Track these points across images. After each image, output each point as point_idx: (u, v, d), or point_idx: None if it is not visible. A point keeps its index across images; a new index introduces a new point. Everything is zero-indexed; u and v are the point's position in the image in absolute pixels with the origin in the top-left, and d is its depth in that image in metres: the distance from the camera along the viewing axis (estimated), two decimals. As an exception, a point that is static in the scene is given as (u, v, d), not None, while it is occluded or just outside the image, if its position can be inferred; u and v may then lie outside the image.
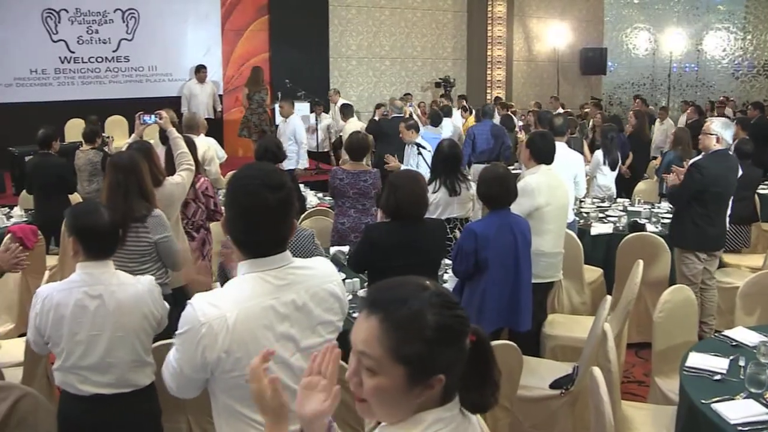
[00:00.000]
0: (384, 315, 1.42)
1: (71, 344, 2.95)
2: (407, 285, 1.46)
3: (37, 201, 7.21)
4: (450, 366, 1.43)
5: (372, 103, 14.99)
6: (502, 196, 4.22)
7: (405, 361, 1.40)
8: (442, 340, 1.41)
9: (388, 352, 1.40)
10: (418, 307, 1.41)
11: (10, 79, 12.36)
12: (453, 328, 1.42)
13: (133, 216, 3.96)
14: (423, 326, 1.39)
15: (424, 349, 1.39)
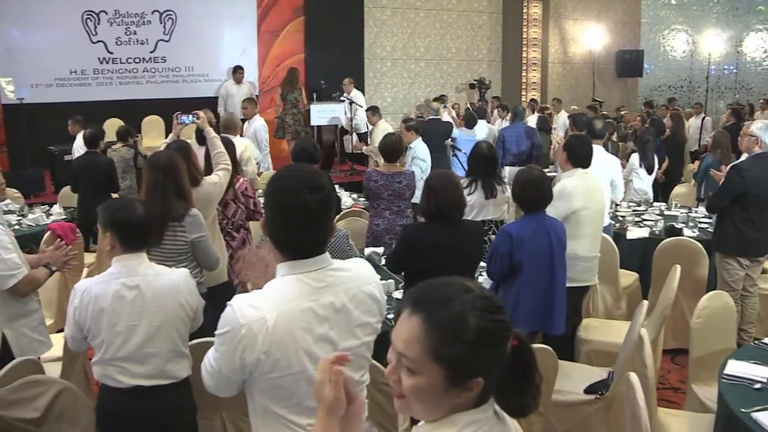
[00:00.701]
0: (426, 315, 1.42)
1: (111, 335, 3.01)
2: (451, 286, 1.46)
3: (82, 199, 7.34)
4: (489, 369, 1.43)
5: (407, 104, 15.03)
6: (537, 198, 4.21)
7: (444, 363, 1.40)
8: (482, 343, 1.40)
9: (428, 353, 1.41)
10: (460, 309, 1.41)
11: (50, 79, 12.59)
12: (494, 332, 1.42)
13: (170, 215, 4.01)
14: (464, 328, 1.39)
15: (464, 352, 1.39)
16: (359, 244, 5.38)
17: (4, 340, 3.56)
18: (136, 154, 8.08)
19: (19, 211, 7.54)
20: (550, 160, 10.16)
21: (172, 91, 13.05)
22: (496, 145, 9.14)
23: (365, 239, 5.79)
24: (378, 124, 10.24)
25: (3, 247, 3.43)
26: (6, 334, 3.56)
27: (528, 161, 8.76)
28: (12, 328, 3.58)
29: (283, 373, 1.99)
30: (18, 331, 3.60)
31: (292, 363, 1.98)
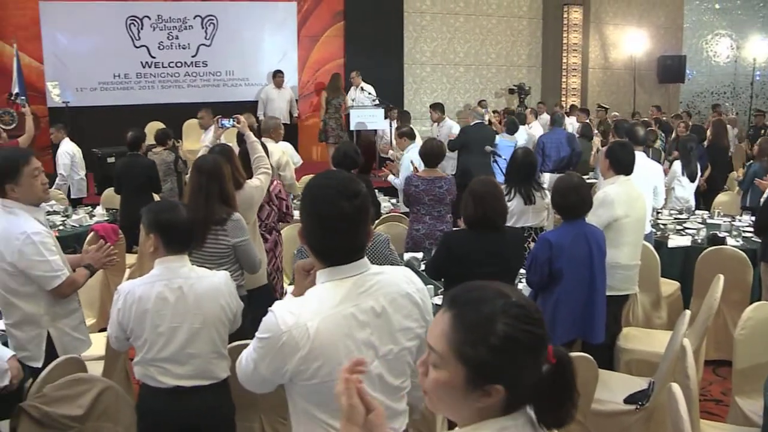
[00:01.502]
0: (456, 313, 1.44)
1: (153, 336, 3.06)
2: (487, 290, 1.47)
3: (124, 200, 7.46)
4: (512, 379, 1.42)
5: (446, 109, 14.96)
6: (576, 205, 4.19)
7: (465, 362, 1.42)
8: (507, 350, 1.40)
9: (452, 349, 1.43)
10: (489, 312, 1.41)
11: (95, 83, 12.84)
12: (521, 341, 1.41)
13: (213, 219, 4.06)
14: (490, 332, 1.40)
15: (486, 355, 1.40)
16: (399, 249, 5.40)
17: (48, 338, 3.63)
18: (177, 158, 8.19)
19: (63, 212, 7.68)
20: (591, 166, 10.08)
21: (213, 95, 13.19)
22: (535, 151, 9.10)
23: (405, 244, 5.80)
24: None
25: (47, 249, 3.50)
26: (50, 333, 3.63)
27: (567, 168, 8.70)
28: (56, 327, 3.65)
29: (324, 379, 2.00)
30: (61, 330, 3.67)
31: (334, 369, 1.98)
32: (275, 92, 12.79)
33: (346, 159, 5.53)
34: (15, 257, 3.44)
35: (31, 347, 3.59)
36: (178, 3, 13.35)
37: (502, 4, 16.30)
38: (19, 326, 3.60)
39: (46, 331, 3.61)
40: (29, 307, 3.56)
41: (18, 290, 3.53)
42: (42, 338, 3.61)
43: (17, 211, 3.50)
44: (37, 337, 3.60)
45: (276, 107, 12.35)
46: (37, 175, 3.55)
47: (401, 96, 14.58)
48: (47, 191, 3.69)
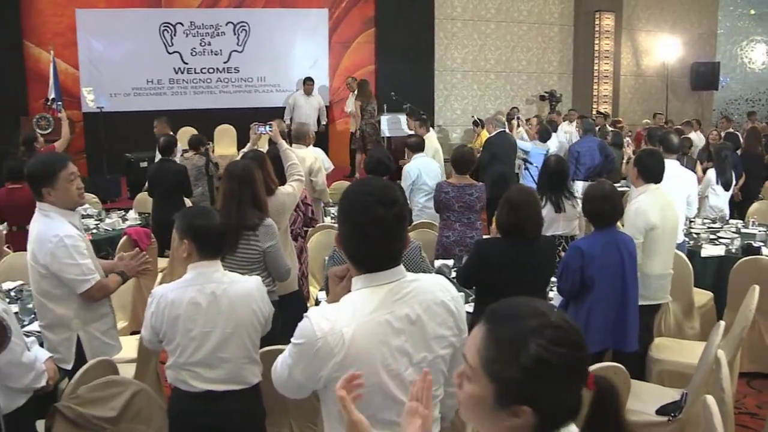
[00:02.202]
0: (491, 328, 1.43)
1: (185, 340, 3.08)
2: (525, 307, 1.45)
3: (156, 205, 7.54)
4: (542, 402, 1.39)
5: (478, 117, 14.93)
6: (607, 213, 4.17)
7: (494, 379, 1.40)
8: (537, 372, 1.37)
9: (483, 365, 1.42)
10: (522, 331, 1.39)
11: (128, 88, 13.03)
12: (553, 364, 1.37)
13: (245, 224, 4.09)
14: (521, 352, 1.38)
15: (515, 374, 1.38)
16: (429, 256, 5.39)
17: (78, 341, 3.68)
18: (208, 162, 8.26)
19: (96, 215, 7.79)
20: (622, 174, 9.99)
21: (245, 100, 13.32)
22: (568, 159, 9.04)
23: (435, 251, 5.79)
24: (427, 136, 9.91)
25: (79, 252, 3.55)
26: (80, 336, 3.68)
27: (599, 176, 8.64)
28: (85, 330, 3.69)
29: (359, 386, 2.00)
30: (91, 334, 3.72)
31: (369, 375, 1.97)
32: (303, 99, 12.84)
33: (379, 166, 5.55)
34: (48, 259, 3.49)
35: (62, 349, 3.65)
36: (211, 10, 13.51)
37: (534, 10, 16.26)
38: (51, 328, 3.66)
39: (76, 334, 3.66)
40: (60, 309, 3.61)
41: (50, 292, 3.59)
42: (72, 341, 3.66)
43: (52, 214, 3.56)
44: (67, 340, 3.66)
45: (303, 114, 12.38)
46: (73, 179, 3.62)
47: (432, 103, 14.58)
48: (83, 195, 3.74)
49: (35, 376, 3.14)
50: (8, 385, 3.07)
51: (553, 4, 16.44)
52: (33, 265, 3.57)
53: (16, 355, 3.04)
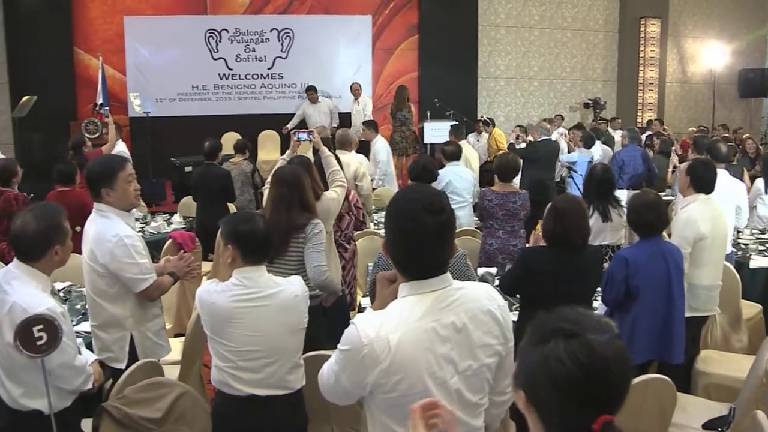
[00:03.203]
0: (528, 337, 1.47)
1: (229, 344, 3.10)
2: (556, 320, 1.47)
3: (200, 209, 7.63)
4: (548, 416, 1.45)
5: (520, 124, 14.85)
6: (653, 223, 4.13)
7: (520, 386, 1.47)
8: (537, 384, 1.44)
9: (514, 372, 1.50)
10: (552, 348, 1.42)
11: (174, 94, 13.23)
12: (558, 380, 1.41)
13: (295, 226, 4.13)
14: (535, 362, 1.43)
15: (527, 384, 1.46)
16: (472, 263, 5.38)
17: (131, 341, 3.74)
18: (255, 169, 8.31)
19: (142, 219, 7.90)
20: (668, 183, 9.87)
21: (288, 106, 13.40)
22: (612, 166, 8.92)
23: (478, 259, 5.77)
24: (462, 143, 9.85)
25: (137, 252, 3.62)
26: (133, 336, 3.74)
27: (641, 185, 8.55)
28: (138, 330, 3.76)
29: (403, 393, 2.00)
30: (143, 334, 3.78)
31: (414, 383, 1.99)
32: (311, 108, 12.70)
33: (424, 172, 5.56)
34: (107, 259, 3.56)
35: (115, 348, 3.72)
36: (256, 16, 13.66)
37: (578, 17, 16.13)
38: (104, 328, 3.73)
39: (129, 333, 3.73)
40: (115, 309, 3.68)
41: (106, 291, 3.65)
42: (125, 340, 3.72)
43: (110, 215, 3.64)
44: (120, 339, 3.72)
45: (313, 122, 12.24)
46: (131, 180, 3.71)
47: (475, 110, 14.51)
48: (139, 197, 3.83)
49: (85, 379, 3.21)
50: (59, 386, 3.13)
51: (597, 11, 16.28)
52: (91, 265, 3.64)
53: (69, 357, 3.11)
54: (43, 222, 3.14)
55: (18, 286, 3.07)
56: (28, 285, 3.09)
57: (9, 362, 3.06)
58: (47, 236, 3.13)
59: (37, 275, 3.14)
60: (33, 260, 3.13)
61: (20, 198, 6.28)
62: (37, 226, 3.11)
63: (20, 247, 3.14)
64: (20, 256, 3.15)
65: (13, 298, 3.02)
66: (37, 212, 3.18)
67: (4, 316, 3.01)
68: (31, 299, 3.02)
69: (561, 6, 15.96)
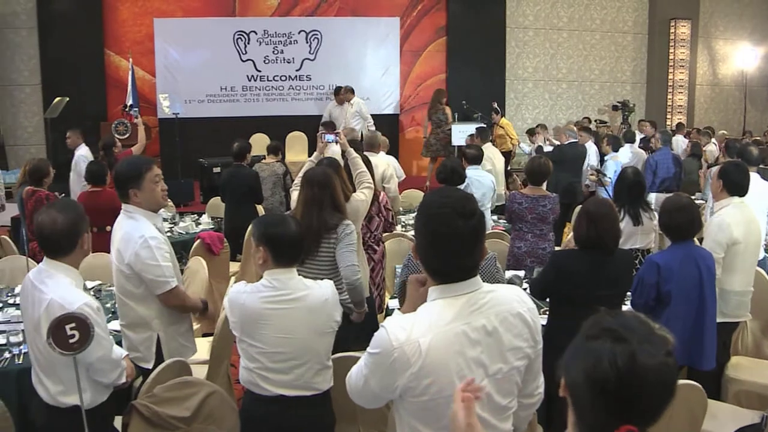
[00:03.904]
0: (585, 330, 1.49)
1: (258, 345, 3.10)
2: (625, 329, 1.46)
3: (228, 210, 7.67)
4: (582, 414, 1.47)
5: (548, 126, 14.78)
6: (685, 226, 4.07)
7: (563, 373, 1.49)
8: (577, 384, 1.45)
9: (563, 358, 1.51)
10: (598, 346, 1.43)
11: (202, 95, 13.34)
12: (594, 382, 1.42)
13: (326, 226, 4.14)
14: (584, 363, 1.44)
15: (568, 380, 1.48)
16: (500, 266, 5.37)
17: (158, 342, 3.78)
18: (287, 171, 8.33)
19: (170, 219, 7.95)
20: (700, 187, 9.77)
21: (316, 108, 13.47)
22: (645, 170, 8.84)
23: (506, 262, 5.73)
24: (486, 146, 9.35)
25: (161, 254, 3.64)
26: (160, 337, 3.77)
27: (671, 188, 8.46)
28: (165, 331, 3.79)
29: (433, 397, 2.00)
30: (170, 335, 3.81)
31: (444, 386, 1.98)
32: (338, 109, 12.65)
33: (453, 175, 5.54)
34: (132, 259, 3.60)
35: (143, 349, 3.75)
36: (284, 18, 13.74)
37: (607, 19, 16.02)
38: (132, 328, 3.76)
39: (156, 334, 3.76)
40: (142, 309, 3.71)
41: (133, 292, 3.69)
42: (152, 341, 3.76)
43: (137, 216, 3.68)
44: (147, 340, 3.75)
45: (340, 124, 12.25)
46: (158, 181, 3.74)
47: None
48: (166, 197, 3.86)
49: (120, 373, 3.27)
50: (97, 380, 3.19)
51: (627, 13, 16.16)
52: (117, 265, 3.68)
53: (107, 351, 3.17)
54: (70, 213, 3.20)
55: (53, 285, 3.12)
56: (62, 282, 3.14)
57: (48, 359, 3.11)
58: (76, 227, 3.19)
59: (69, 271, 3.19)
60: (64, 255, 3.18)
61: (51, 198, 6.36)
62: (66, 219, 3.15)
63: (50, 243, 3.18)
64: (50, 254, 3.20)
65: (49, 296, 3.08)
66: (59, 207, 3.23)
67: (41, 314, 3.06)
68: (67, 295, 3.08)
69: (590, 8, 15.86)
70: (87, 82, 12.55)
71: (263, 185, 7.89)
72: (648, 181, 8.50)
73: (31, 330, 3.17)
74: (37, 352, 3.17)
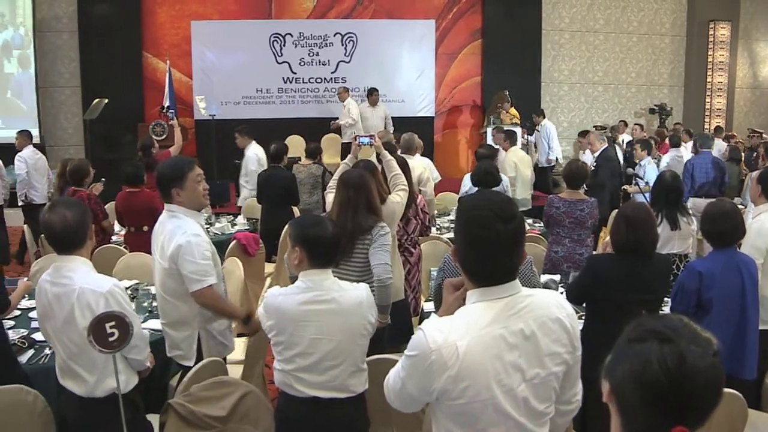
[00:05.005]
0: (628, 333, 1.46)
1: (293, 346, 3.11)
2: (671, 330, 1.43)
3: (264, 210, 7.71)
4: (629, 417, 1.44)
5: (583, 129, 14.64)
6: (728, 233, 4.00)
7: (607, 378, 1.46)
8: (625, 390, 1.42)
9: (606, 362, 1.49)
10: (645, 348, 1.40)
11: (238, 97, 13.45)
12: (645, 387, 1.39)
13: (361, 229, 4.15)
14: (632, 365, 1.41)
15: (612, 382, 1.45)
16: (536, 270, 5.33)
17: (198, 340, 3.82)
18: (324, 171, 8.37)
19: (207, 219, 8.01)
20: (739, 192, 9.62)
21: (351, 110, 13.47)
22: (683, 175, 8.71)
23: (543, 266, 5.69)
24: (511, 150, 9.30)
25: (200, 252, 3.67)
26: (200, 334, 3.82)
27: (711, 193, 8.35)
28: (205, 329, 3.83)
29: (470, 400, 1.99)
30: (209, 333, 3.85)
31: (481, 390, 1.98)
32: (370, 110, 12.64)
33: (486, 177, 5.51)
34: (173, 252, 3.64)
35: (184, 347, 3.81)
36: (320, 21, 13.81)
37: (644, 21, 15.85)
38: (173, 326, 3.82)
39: (197, 332, 3.81)
40: (184, 307, 3.76)
41: (176, 290, 3.74)
42: (194, 339, 3.81)
43: (180, 215, 3.73)
44: (189, 338, 3.81)
45: (371, 125, 12.22)
46: (200, 180, 3.80)
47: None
48: (207, 197, 3.89)
49: (148, 353, 3.42)
50: (132, 358, 3.31)
51: (664, 15, 15.97)
52: (160, 263, 3.74)
53: (138, 328, 3.26)
54: (76, 208, 3.28)
55: (77, 276, 3.19)
56: (85, 270, 3.24)
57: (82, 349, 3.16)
58: (85, 219, 3.28)
59: (85, 262, 3.28)
60: (78, 248, 3.26)
61: (92, 197, 6.45)
62: (74, 214, 3.23)
63: (64, 239, 3.25)
64: (64, 250, 3.27)
65: (77, 285, 3.16)
66: (64, 204, 3.31)
67: (73, 303, 3.13)
68: (94, 281, 3.19)
69: (626, 10, 15.70)
70: (125, 84, 12.75)
71: (300, 187, 7.94)
72: (686, 185, 8.39)
73: (61, 326, 3.21)
74: (71, 344, 3.22)
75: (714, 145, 10.52)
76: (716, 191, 8.59)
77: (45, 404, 3.35)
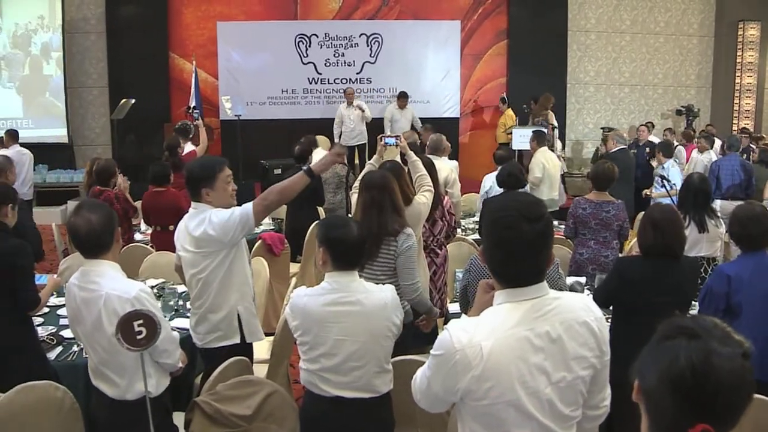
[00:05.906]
0: (658, 333, 1.45)
1: (318, 347, 3.13)
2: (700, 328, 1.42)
3: (290, 211, 7.72)
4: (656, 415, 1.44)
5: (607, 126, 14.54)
6: (758, 236, 3.94)
7: (637, 374, 1.46)
8: (653, 390, 1.42)
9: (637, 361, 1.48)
10: (673, 345, 1.40)
11: (264, 97, 13.53)
12: (674, 386, 1.38)
13: (386, 231, 4.15)
14: (659, 362, 1.41)
15: (642, 383, 1.45)
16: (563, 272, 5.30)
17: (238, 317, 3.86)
18: (349, 171, 8.38)
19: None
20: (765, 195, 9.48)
21: (376, 111, 13.44)
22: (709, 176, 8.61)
23: (568, 268, 5.66)
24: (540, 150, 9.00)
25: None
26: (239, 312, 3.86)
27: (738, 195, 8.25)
28: (244, 306, 3.89)
29: (494, 401, 1.99)
30: (248, 311, 3.92)
31: (505, 391, 1.98)
32: (399, 113, 12.78)
33: (510, 179, 5.49)
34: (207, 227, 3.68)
35: (224, 326, 3.84)
36: (345, 22, 13.83)
37: (671, 21, 15.68)
38: (212, 310, 3.85)
39: (236, 309, 3.84)
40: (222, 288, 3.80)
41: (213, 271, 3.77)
42: (233, 316, 3.85)
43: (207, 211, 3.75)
44: (228, 316, 3.84)
45: (399, 127, 12.25)
46: (229, 181, 3.85)
47: (563, 116, 14.26)
48: (234, 197, 3.92)
49: (179, 354, 3.40)
50: (162, 362, 3.31)
51: (692, 15, 15.79)
52: (195, 252, 3.77)
53: (168, 331, 3.28)
54: (102, 211, 3.27)
55: (104, 281, 3.19)
56: (112, 275, 3.23)
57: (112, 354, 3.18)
58: (112, 222, 3.27)
59: (112, 266, 3.27)
60: (105, 251, 3.25)
61: (120, 196, 6.51)
62: (100, 217, 3.22)
63: (90, 243, 3.23)
64: (90, 253, 3.26)
65: (104, 290, 3.16)
66: (88, 207, 3.29)
67: (101, 309, 3.14)
68: (122, 286, 3.18)
69: (653, 10, 15.54)
70: (152, 84, 12.87)
71: (325, 187, 7.95)
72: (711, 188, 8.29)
73: (90, 330, 3.22)
74: (100, 349, 3.23)
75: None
76: (742, 194, 8.48)
77: (73, 400, 3.37)
